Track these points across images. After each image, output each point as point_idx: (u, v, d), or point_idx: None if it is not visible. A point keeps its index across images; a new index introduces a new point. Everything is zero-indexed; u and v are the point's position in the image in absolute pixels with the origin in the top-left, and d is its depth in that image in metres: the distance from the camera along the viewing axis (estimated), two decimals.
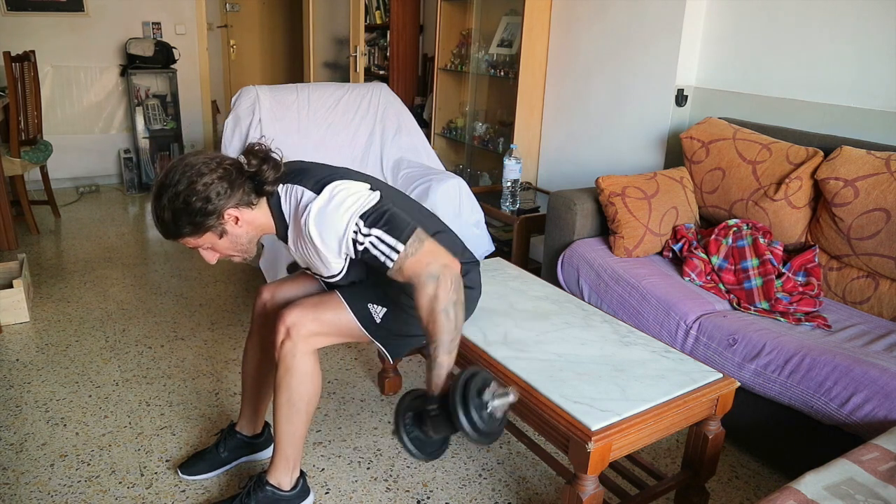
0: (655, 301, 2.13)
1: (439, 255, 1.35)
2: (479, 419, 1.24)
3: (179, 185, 1.40)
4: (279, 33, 6.67)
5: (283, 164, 1.51)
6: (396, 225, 1.37)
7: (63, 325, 2.71)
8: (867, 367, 1.66)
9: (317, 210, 1.41)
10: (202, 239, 1.47)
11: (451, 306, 1.32)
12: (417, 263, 1.34)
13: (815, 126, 2.40)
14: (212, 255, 1.54)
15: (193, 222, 1.42)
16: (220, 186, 1.41)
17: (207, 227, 1.44)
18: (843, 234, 2.09)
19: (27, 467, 1.86)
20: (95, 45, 4.71)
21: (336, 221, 1.40)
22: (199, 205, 1.40)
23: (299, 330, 1.51)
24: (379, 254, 1.37)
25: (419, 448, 1.35)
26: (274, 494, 1.61)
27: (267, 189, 1.48)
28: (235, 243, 1.51)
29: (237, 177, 1.45)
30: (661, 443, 2.07)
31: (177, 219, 1.42)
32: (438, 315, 1.30)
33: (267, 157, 1.48)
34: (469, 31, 3.97)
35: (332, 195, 1.42)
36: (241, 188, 1.45)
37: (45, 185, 4.08)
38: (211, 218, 1.42)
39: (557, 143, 3.50)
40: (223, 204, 1.43)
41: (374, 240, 1.37)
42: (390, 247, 1.35)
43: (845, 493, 1.19)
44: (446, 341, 1.32)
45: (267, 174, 1.47)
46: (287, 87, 3.10)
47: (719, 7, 2.70)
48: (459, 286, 1.35)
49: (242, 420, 1.86)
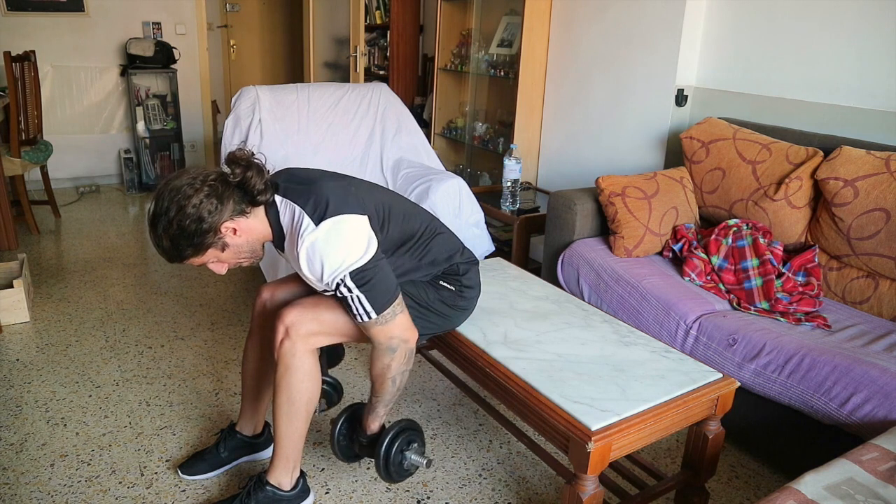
0: (655, 301, 2.13)
1: (403, 330, 1.50)
2: (394, 470, 1.63)
3: (170, 211, 1.41)
4: (279, 33, 6.67)
5: (266, 170, 1.51)
6: (379, 293, 1.45)
7: (63, 325, 2.71)
8: (867, 367, 1.66)
9: (310, 243, 1.43)
10: (206, 256, 1.49)
11: (399, 375, 1.55)
12: (381, 333, 1.49)
13: (815, 126, 2.40)
14: (220, 267, 1.55)
15: (192, 244, 1.44)
16: (210, 204, 1.42)
17: (208, 245, 1.46)
18: (843, 234, 2.09)
19: (27, 467, 1.86)
20: (95, 45, 4.71)
21: (327, 262, 1.42)
22: (193, 226, 1.41)
23: (298, 329, 1.51)
24: (354, 307, 1.46)
25: (341, 452, 1.73)
26: (274, 494, 1.61)
27: (259, 199, 1.49)
28: (238, 253, 1.53)
29: (224, 189, 1.45)
30: (661, 443, 2.07)
31: (176, 244, 1.44)
32: (386, 381, 1.55)
33: (249, 163, 1.48)
34: (469, 31, 3.97)
35: (329, 235, 1.43)
36: (230, 199, 1.46)
37: (46, 185, 4.08)
38: (208, 236, 1.44)
39: (557, 143, 3.50)
40: (217, 220, 1.44)
41: (355, 297, 1.45)
42: (365, 310, 1.46)
43: (845, 493, 1.19)
44: (387, 399, 1.60)
45: (253, 181, 1.47)
46: (287, 87, 3.10)
47: (719, 7, 2.70)
48: (411, 357, 1.55)
49: (242, 420, 1.86)
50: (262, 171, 1.49)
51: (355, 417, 1.71)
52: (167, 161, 4.93)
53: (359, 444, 1.69)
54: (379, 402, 1.60)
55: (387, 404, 1.61)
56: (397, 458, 1.62)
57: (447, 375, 2.15)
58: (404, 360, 1.53)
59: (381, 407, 1.62)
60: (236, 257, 1.54)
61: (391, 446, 1.61)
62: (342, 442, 1.72)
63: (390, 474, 1.63)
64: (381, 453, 1.60)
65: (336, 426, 1.70)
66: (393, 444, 1.61)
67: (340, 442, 1.71)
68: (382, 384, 1.56)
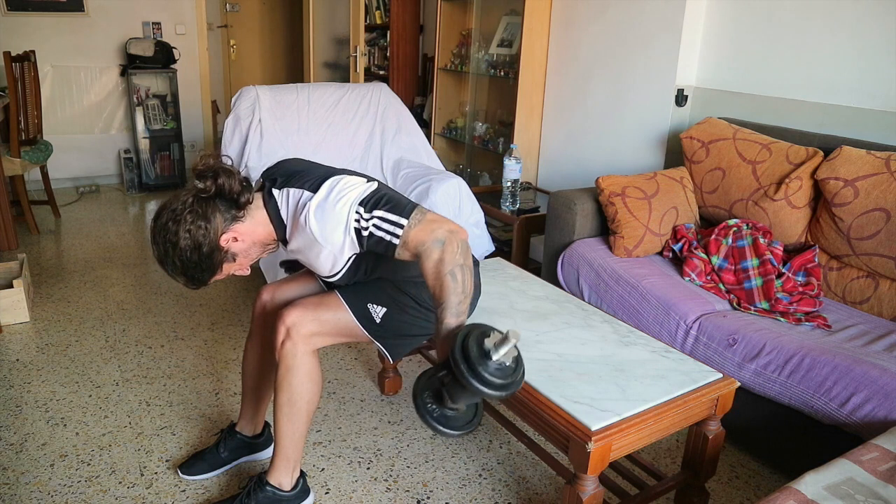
0: (655, 301, 2.13)
1: (444, 223, 1.33)
2: (487, 372, 1.15)
3: (168, 252, 1.43)
4: (279, 33, 6.67)
5: (236, 170, 1.49)
6: (397, 203, 1.37)
7: (63, 325, 2.71)
8: (867, 367, 1.66)
9: (316, 205, 1.42)
10: (224, 271, 1.51)
11: (458, 269, 1.28)
12: (422, 232, 1.32)
13: (815, 126, 2.40)
14: (242, 270, 1.56)
15: (204, 269, 1.45)
16: (197, 227, 1.41)
17: (219, 263, 1.47)
18: (843, 234, 2.09)
19: (27, 467, 1.86)
20: (95, 45, 4.71)
21: (337, 213, 1.40)
22: (195, 256, 1.42)
23: (299, 330, 1.51)
24: (384, 234, 1.35)
25: (446, 425, 1.26)
26: (274, 495, 1.61)
27: (242, 201, 1.47)
28: (249, 255, 1.54)
29: (206, 207, 1.44)
30: (661, 443, 2.07)
31: (191, 276, 1.46)
32: (445, 277, 1.27)
33: (216, 171, 1.45)
34: (469, 31, 3.97)
35: (330, 189, 1.43)
36: (215, 213, 1.44)
37: (46, 185, 4.08)
38: (214, 255, 1.45)
39: (557, 143, 3.50)
40: (213, 238, 1.43)
41: (377, 221, 1.35)
42: (394, 223, 1.34)
43: (845, 493, 1.19)
44: (454, 303, 1.26)
45: (228, 186, 1.45)
46: (287, 87, 3.10)
47: (719, 7, 2.70)
48: (467, 251, 1.32)
49: (243, 420, 1.86)
50: (231, 174, 1.47)
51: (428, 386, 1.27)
52: (167, 161, 4.92)
53: (448, 390, 1.22)
54: (447, 310, 1.25)
55: (457, 312, 1.26)
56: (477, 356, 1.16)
57: None
58: (458, 251, 1.29)
59: (450, 317, 1.25)
60: (249, 259, 1.55)
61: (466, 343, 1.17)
62: (443, 413, 1.26)
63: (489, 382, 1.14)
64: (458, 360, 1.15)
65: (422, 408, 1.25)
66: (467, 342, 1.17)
67: (440, 417, 1.25)
68: (442, 283, 1.26)
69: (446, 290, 1.26)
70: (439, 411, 1.25)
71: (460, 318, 1.26)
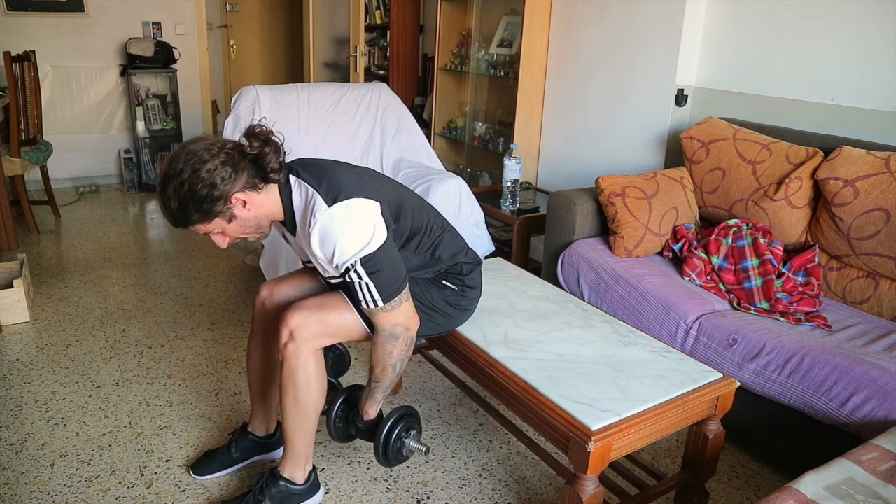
0: (655, 301, 2.13)
1: (407, 318, 1.51)
2: (392, 456, 1.65)
3: (183, 173, 1.39)
4: (279, 33, 6.68)
5: (284, 150, 1.51)
6: (387, 281, 1.46)
7: (63, 325, 2.71)
8: (867, 367, 1.66)
9: (323, 224, 1.42)
10: (212, 224, 1.48)
11: (399, 362, 1.56)
12: (386, 320, 1.49)
13: (815, 126, 2.40)
14: (222, 240, 1.54)
15: (201, 209, 1.42)
16: (224, 171, 1.41)
17: (216, 213, 1.45)
18: (843, 234, 2.09)
19: (27, 467, 1.86)
20: (95, 45, 4.71)
21: (338, 246, 1.42)
22: (205, 192, 1.40)
23: (303, 332, 1.51)
24: (361, 293, 1.46)
25: (336, 433, 1.74)
26: (287, 489, 1.62)
27: (272, 177, 1.48)
28: (244, 226, 1.52)
29: (240, 160, 1.44)
30: (661, 443, 2.07)
31: (184, 207, 1.42)
32: (387, 367, 1.55)
33: (268, 139, 1.48)
34: (469, 31, 3.97)
35: (342, 217, 1.43)
36: (245, 171, 1.45)
37: (46, 185, 4.08)
38: (218, 203, 1.43)
39: (557, 143, 3.50)
40: (229, 189, 1.42)
41: (364, 283, 1.45)
42: (373, 297, 1.46)
43: (845, 493, 1.19)
44: (386, 385, 1.60)
45: (269, 157, 1.46)
46: (287, 87, 3.10)
47: (719, 7, 2.70)
48: (412, 345, 1.56)
49: (254, 421, 1.86)
50: (279, 150, 1.49)
51: (352, 400, 1.73)
52: None
53: (355, 427, 1.70)
54: (378, 388, 1.61)
55: (385, 390, 1.62)
56: (396, 445, 1.64)
57: (447, 375, 2.15)
58: (406, 347, 1.54)
59: (379, 393, 1.62)
60: (241, 230, 1.52)
61: (391, 433, 1.62)
62: (338, 424, 1.73)
63: (388, 460, 1.65)
64: (380, 440, 1.62)
65: (333, 408, 1.71)
66: (393, 431, 1.62)
67: (337, 424, 1.72)
68: (383, 370, 1.56)
69: (385, 377, 1.58)
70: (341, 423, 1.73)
71: (386, 394, 1.65)
